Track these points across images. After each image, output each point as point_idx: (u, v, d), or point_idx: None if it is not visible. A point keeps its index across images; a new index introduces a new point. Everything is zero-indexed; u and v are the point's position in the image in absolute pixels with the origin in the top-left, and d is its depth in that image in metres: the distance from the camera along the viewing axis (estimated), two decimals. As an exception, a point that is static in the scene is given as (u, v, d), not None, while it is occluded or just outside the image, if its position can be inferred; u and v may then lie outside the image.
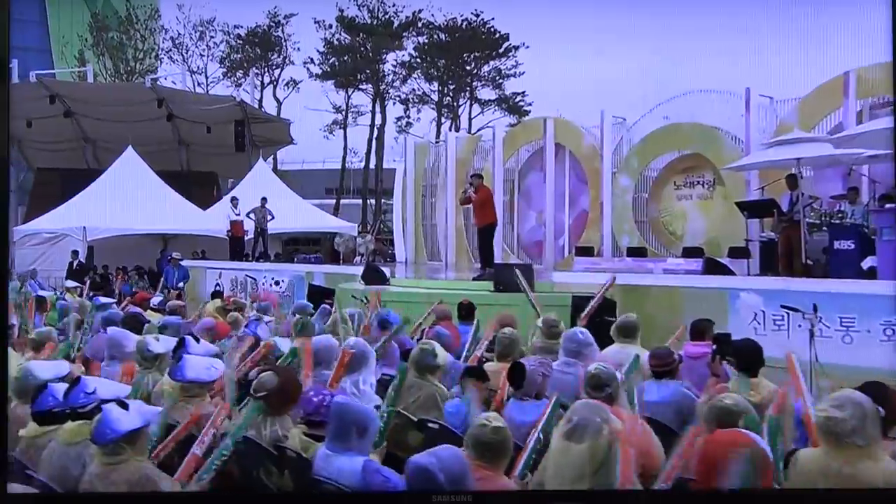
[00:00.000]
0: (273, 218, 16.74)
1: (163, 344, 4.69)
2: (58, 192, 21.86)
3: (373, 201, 32.02)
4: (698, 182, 14.47)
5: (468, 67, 29.55)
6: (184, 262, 15.85)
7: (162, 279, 15.61)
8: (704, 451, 2.41)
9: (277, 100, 32.49)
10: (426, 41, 29.27)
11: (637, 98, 15.64)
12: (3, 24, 2.90)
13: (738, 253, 12.03)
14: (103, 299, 8.50)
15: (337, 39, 30.51)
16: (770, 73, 13.78)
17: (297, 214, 20.86)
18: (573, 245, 15.94)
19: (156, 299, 8.52)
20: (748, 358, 3.98)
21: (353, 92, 31.81)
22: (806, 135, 10.12)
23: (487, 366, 4.87)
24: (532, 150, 17.33)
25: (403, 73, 30.02)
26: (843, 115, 11.58)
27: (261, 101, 32.25)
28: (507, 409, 3.73)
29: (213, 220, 19.71)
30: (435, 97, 30.47)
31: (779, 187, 11.25)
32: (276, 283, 11.60)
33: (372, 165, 31.60)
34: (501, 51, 28.72)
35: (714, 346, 4.40)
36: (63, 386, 3.55)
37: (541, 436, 3.18)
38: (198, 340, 4.51)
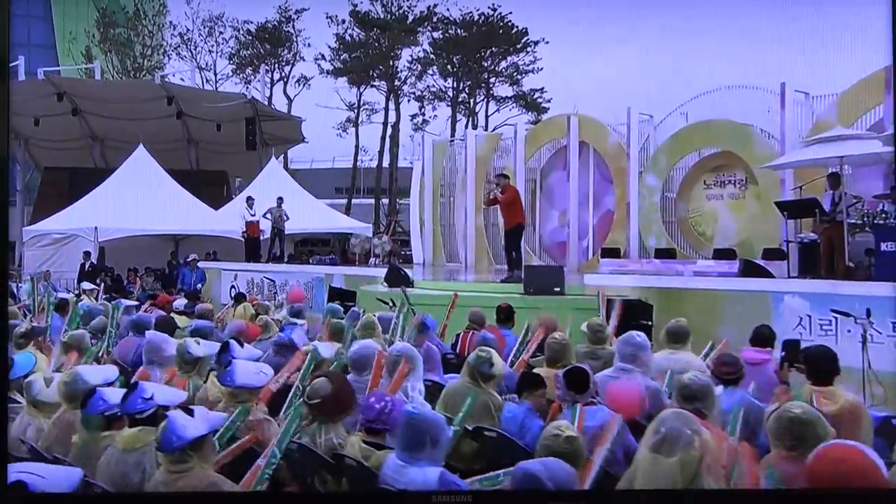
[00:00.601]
0: (288, 219, 16.77)
1: (203, 347, 4.70)
2: (65, 191, 21.98)
3: (385, 201, 32.05)
4: (729, 181, 14.37)
5: (485, 63, 29.51)
6: (200, 265, 15.92)
7: (178, 282, 15.74)
8: (812, 467, 2.37)
9: (288, 97, 32.60)
10: (441, 36, 29.26)
11: (664, 95, 15.53)
12: (3, 23, 2.96)
13: (773, 255, 11.96)
14: (126, 302, 8.52)
15: (349, 35, 30.56)
16: (805, 68, 13.62)
17: (311, 214, 20.88)
18: (598, 246, 15.87)
19: (179, 302, 8.53)
20: (821, 365, 3.91)
21: (366, 89, 31.88)
22: (850, 132, 10.04)
23: (540, 371, 4.85)
24: (555, 149, 17.27)
25: (418, 69, 30.02)
26: (884, 111, 11.47)
27: (270, 98, 32.37)
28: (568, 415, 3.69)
29: (226, 221, 19.79)
30: (450, 94, 30.46)
31: (817, 186, 11.20)
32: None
33: (385, 164, 31.61)
34: (519, 46, 28.63)
35: (782, 353, 4.34)
36: (114, 390, 3.57)
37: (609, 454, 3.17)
38: (242, 345, 4.51)
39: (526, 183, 17.26)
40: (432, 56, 29.78)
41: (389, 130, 30.62)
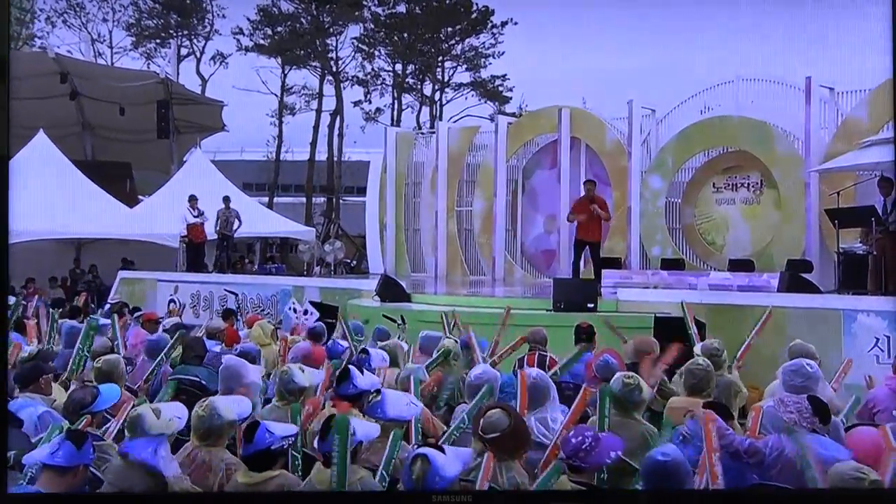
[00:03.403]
0: (241, 223, 16.50)
1: (308, 376, 4.70)
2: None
3: (320, 199, 31.93)
4: (742, 184, 14.96)
5: (443, 46, 29.60)
6: (129, 274, 15.58)
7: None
8: None
9: (202, 76, 31.95)
10: (389, 14, 29.22)
11: (667, 87, 16.04)
12: (2, 23, 3.19)
13: (798, 266, 12.52)
14: (100, 319, 8.29)
15: (277, 7, 30.27)
16: (829, 61, 14.35)
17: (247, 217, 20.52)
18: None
19: (170, 321, 8.35)
20: None
21: (291, 70, 31.56)
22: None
23: (677, 401, 5.01)
24: (539, 145, 17.61)
25: (363, 49, 29.91)
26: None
27: (177, 77, 31.58)
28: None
29: (145, 222, 19.33)
30: (400, 79, 30.47)
31: (848, 193, 11.78)
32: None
33: (322, 157, 31.43)
34: (483, 28, 28.81)
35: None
36: (277, 424, 3.59)
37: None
38: (362, 371, 4.52)
39: (507, 184, 17.56)
40: (380, 35, 29.65)
41: (327, 119, 30.45)
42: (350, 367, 4.51)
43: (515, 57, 28.50)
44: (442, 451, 3.00)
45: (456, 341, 6.25)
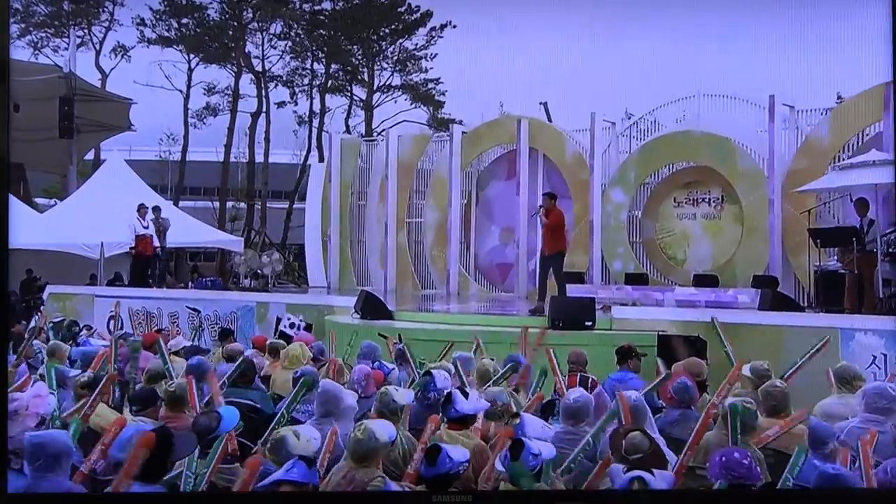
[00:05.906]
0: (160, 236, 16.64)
1: (403, 395, 5.19)
2: None
3: (234, 204, 31.91)
4: (703, 199, 15.98)
5: (375, 47, 29.94)
6: (59, 288, 15.41)
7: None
8: None
9: (102, 70, 31.38)
10: (315, 10, 29.37)
11: (624, 98, 16.96)
12: (2, 24, 3.57)
13: (765, 282, 13.55)
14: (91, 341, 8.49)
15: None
16: (791, 79, 15.55)
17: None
18: (550, 270, 16.93)
19: (176, 341, 8.54)
20: None
21: (199, 66, 31.36)
22: (885, 156, 11.67)
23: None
24: (495, 155, 18.29)
25: (292, 46, 30.00)
26: (883, 128, 13.40)
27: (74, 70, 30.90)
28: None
29: (59, 231, 19.07)
30: (328, 79, 30.67)
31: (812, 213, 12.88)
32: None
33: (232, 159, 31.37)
34: (420, 27, 29.31)
35: None
36: (455, 448, 4.09)
37: None
38: (466, 395, 5.04)
39: (462, 194, 18.15)
40: (301, 32, 29.75)
41: (248, 120, 30.41)
42: (453, 391, 5.02)
43: (451, 61, 29.12)
44: (651, 473, 3.59)
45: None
